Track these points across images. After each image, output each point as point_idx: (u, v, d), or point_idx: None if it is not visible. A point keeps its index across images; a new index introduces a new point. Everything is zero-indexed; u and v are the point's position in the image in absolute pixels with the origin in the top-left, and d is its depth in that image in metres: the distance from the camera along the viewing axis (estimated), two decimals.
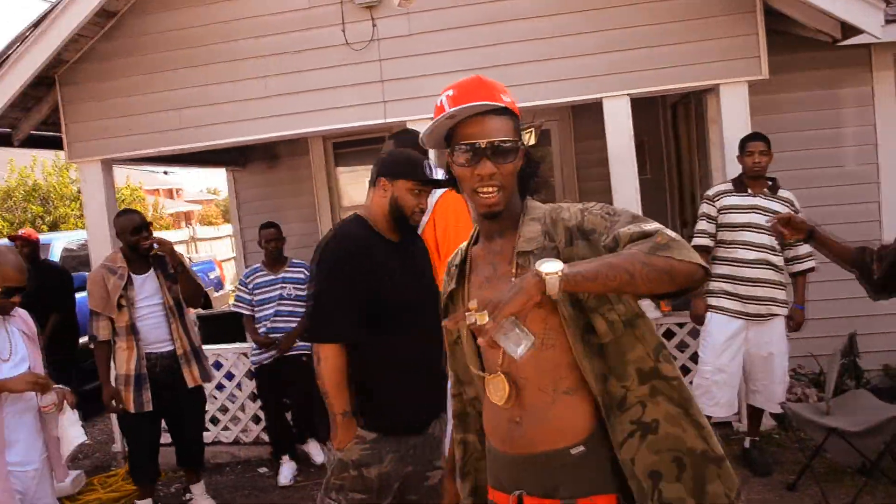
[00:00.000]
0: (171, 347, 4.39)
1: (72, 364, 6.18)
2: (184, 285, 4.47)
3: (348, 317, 2.63)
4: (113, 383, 4.32)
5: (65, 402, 3.20)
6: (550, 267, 1.43)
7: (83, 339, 6.01)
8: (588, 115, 6.50)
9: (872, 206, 5.49)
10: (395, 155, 2.92)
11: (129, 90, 5.45)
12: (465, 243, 1.89)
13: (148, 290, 4.38)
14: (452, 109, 1.63)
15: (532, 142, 1.75)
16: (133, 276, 4.34)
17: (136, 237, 4.32)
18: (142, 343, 4.32)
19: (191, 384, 4.43)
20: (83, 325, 5.40)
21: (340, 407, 2.67)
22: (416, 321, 2.62)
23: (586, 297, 1.61)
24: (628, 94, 4.93)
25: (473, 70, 1.42)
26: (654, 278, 1.46)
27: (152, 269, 4.42)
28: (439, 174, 2.93)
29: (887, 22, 4.51)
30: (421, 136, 1.72)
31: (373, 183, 2.83)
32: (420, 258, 2.95)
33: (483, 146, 1.64)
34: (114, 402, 4.29)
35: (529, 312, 1.45)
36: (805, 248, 4.29)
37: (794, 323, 4.36)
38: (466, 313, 1.46)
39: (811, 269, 4.38)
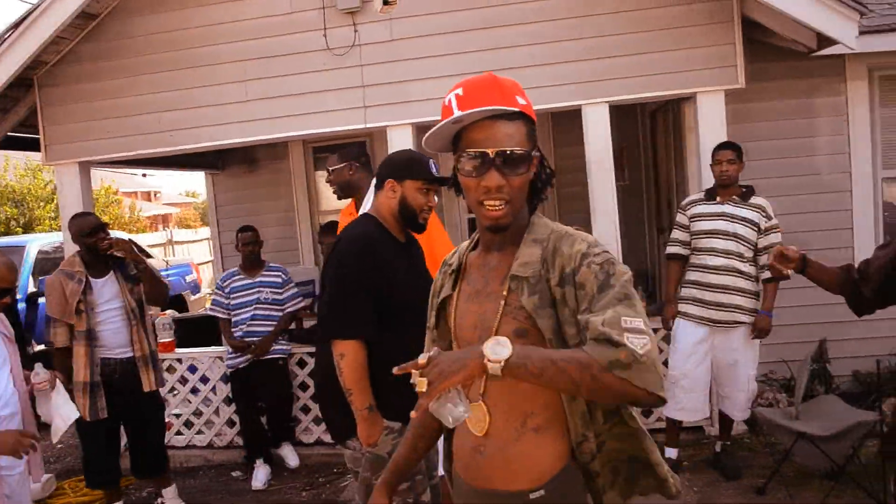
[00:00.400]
0: (130, 353, 4.30)
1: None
2: (147, 285, 4.39)
3: (367, 313, 2.65)
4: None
5: (56, 380, 3.18)
6: (498, 353, 1.38)
7: (40, 347, 5.96)
8: (567, 122, 6.56)
9: (845, 214, 5.58)
10: (401, 156, 2.96)
11: (109, 93, 5.42)
12: (464, 244, 1.81)
13: (108, 293, 4.28)
14: (459, 114, 1.52)
15: None
16: (92, 280, 4.23)
17: (93, 239, 4.22)
18: (99, 349, 4.22)
19: (147, 388, 4.35)
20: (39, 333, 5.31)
21: (364, 402, 2.65)
22: (417, 321, 2.63)
23: (572, 336, 1.53)
24: (608, 102, 4.98)
25: (455, 77, 1.41)
26: (600, 395, 1.42)
27: (112, 272, 4.32)
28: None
29: (861, 33, 4.58)
30: (424, 138, 1.61)
31: (379, 186, 2.86)
32: (421, 259, 2.99)
33: (491, 155, 1.52)
34: None
35: (470, 384, 1.45)
36: None
37: (758, 329, 4.31)
38: (413, 370, 1.43)
39: (784, 277, 4.39)
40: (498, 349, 1.39)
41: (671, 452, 4.59)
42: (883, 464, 3.91)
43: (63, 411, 3.31)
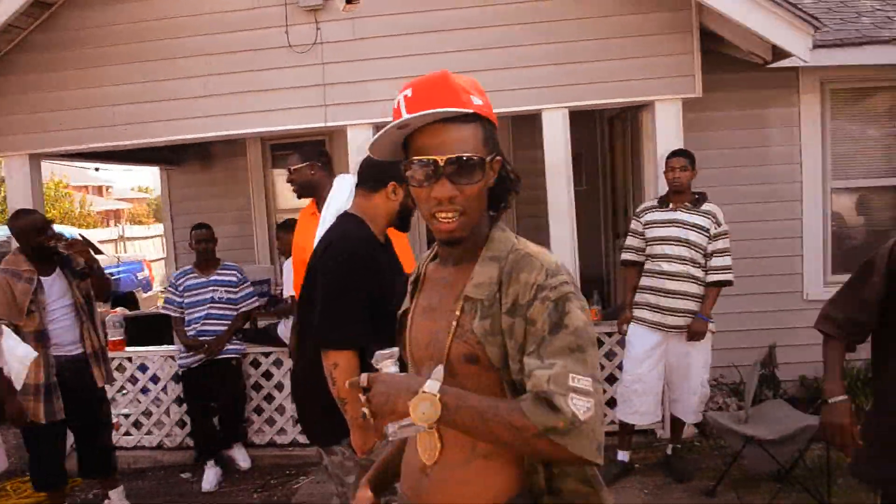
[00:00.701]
0: (80, 350, 4.21)
1: None
2: (95, 281, 4.30)
3: (361, 320, 2.53)
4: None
5: (2, 325, 3.08)
6: (420, 407, 1.33)
7: None
8: (526, 125, 6.61)
9: (795, 223, 5.72)
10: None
11: (63, 84, 5.28)
12: (426, 253, 1.70)
13: (57, 291, 4.16)
14: (407, 117, 1.40)
15: None
16: (41, 278, 4.11)
17: (42, 238, 4.09)
18: (52, 348, 4.10)
19: (101, 383, 4.28)
20: None
21: (358, 411, 2.59)
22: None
23: (516, 372, 1.42)
24: (567, 107, 5.02)
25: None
26: (529, 454, 1.39)
27: (58, 269, 4.21)
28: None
29: (815, 47, 4.70)
30: (370, 143, 1.49)
31: (373, 187, 2.74)
32: (396, 258, 2.91)
33: (441, 163, 1.40)
34: (22, 416, 3.98)
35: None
36: (722, 261, 4.37)
37: (692, 332, 4.35)
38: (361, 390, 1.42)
39: (727, 283, 4.44)
40: (423, 406, 1.33)
41: (623, 456, 4.65)
42: (828, 466, 4.03)
43: (18, 352, 3.20)
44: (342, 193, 3.21)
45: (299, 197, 4.18)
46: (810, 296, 5.72)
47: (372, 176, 2.76)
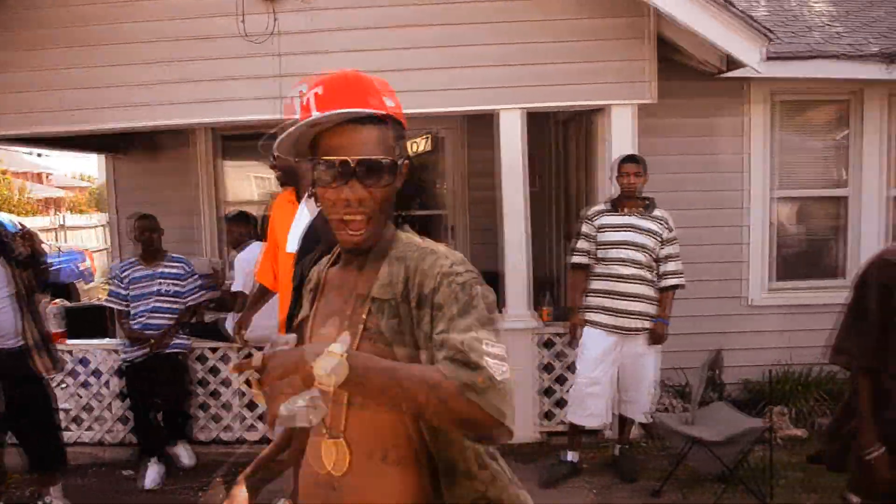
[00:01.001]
0: (20, 342, 4.05)
1: None
2: (35, 271, 4.16)
3: None
4: None
5: None
6: (327, 367, 1.18)
7: None
8: (481, 125, 6.61)
9: (740, 230, 5.86)
10: None
11: (7, 66, 5.09)
12: (325, 258, 1.64)
13: None
14: (318, 115, 1.38)
15: (428, 148, 1.58)
16: None
17: None
18: None
19: (43, 373, 4.14)
20: None
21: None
22: None
23: (425, 362, 1.37)
24: (523, 108, 5.05)
25: (373, 73, 1.36)
26: (446, 419, 1.27)
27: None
28: None
29: (768, 58, 4.82)
30: (276, 142, 1.43)
31: None
32: None
33: (353, 164, 1.38)
34: None
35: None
36: (675, 266, 4.51)
37: (656, 335, 4.50)
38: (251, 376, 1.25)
39: (679, 286, 4.59)
40: (329, 362, 1.19)
41: (572, 456, 4.69)
42: (770, 467, 4.14)
43: None
44: None
45: (282, 184, 4.10)
46: (753, 301, 5.87)
47: None
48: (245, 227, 5.82)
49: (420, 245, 1.48)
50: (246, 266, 5.16)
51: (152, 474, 4.89)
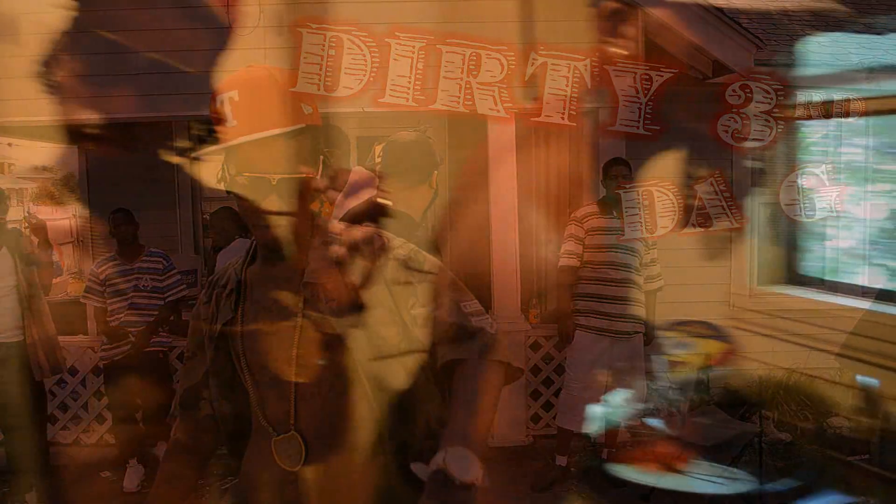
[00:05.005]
0: (20, 337, 3.95)
1: None
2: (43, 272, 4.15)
3: None
4: None
5: None
6: (467, 471, 1.21)
7: None
8: (463, 126, 6.56)
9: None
10: (426, 143, 2.63)
11: None
12: (239, 261, 1.62)
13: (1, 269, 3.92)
14: (241, 140, 1.39)
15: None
16: None
17: None
18: None
19: (38, 377, 4.04)
20: None
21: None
22: None
23: (391, 336, 1.43)
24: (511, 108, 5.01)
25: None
26: (498, 395, 1.35)
27: (3, 248, 3.95)
28: None
29: (756, 64, 4.86)
30: (199, 152, 1.50)
31: (421, 181, 2.54)
32: None
33: (274, 183, 1.41)
34: None
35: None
36: (658, 269, 4.57)
37: (649, 339, 4.57)
38: None
39: (660, 289, 4.67)
40: (465, 465, 1.22)
41: (561, 460, 4.67)
42: (760, 471, 4.16)
43: None
44: None
45: None
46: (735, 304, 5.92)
47: (417, 172, 2.57)
48: (231, 222, 5.69)
49: (344, 228, 1.53)
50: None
51: (133, 476, 4.79)
